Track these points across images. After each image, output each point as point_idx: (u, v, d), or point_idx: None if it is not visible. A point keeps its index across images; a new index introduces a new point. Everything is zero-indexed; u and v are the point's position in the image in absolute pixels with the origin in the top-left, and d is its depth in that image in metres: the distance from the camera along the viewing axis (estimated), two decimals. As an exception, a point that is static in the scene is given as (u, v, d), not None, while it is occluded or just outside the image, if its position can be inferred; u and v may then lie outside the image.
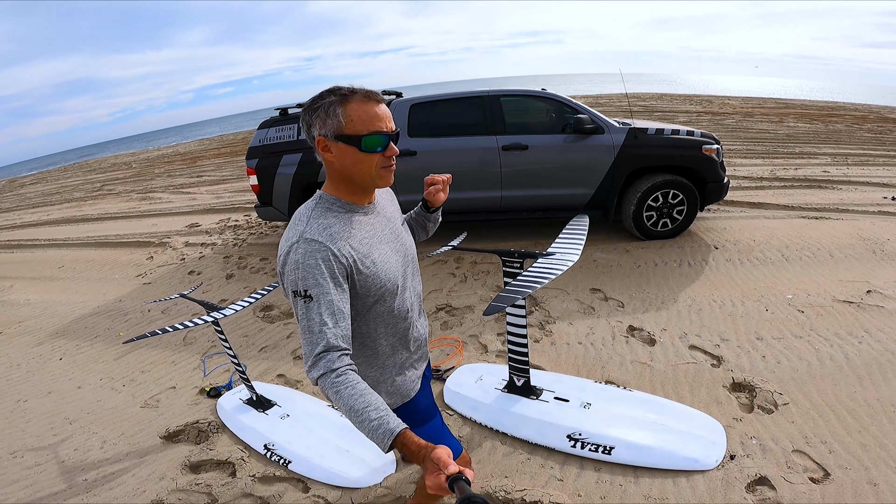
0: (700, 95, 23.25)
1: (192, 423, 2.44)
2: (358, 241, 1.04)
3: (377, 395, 0.92)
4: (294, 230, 1.01)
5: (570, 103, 4.15)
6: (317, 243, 0.97)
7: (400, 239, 1.19)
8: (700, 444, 1.87)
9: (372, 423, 0.85)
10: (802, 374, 2.32)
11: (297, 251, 0.97)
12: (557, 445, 1.94)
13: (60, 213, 10.11)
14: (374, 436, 0.85)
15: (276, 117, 4.59)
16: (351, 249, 1.01)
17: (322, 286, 0.95)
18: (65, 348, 3.61)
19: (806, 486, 1.70)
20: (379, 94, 1.02)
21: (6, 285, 5.50)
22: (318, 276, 0.95)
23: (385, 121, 1.01)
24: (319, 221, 1.01)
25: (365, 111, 0.99)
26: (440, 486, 0.76)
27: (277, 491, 1.95)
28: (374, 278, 1.05)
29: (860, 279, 3.30)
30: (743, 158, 7.74)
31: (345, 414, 0.90)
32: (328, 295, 0.95)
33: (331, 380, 0.91)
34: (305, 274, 0.95)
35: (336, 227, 1.01)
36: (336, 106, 0.99)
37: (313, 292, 0.95)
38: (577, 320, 3.04)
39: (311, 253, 0.96)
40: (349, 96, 0.99)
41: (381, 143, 1.00)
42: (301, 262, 0.96)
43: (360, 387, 0.91)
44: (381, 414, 0.87)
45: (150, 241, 6.23)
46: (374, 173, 1.03)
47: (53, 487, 2.17)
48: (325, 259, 0.96)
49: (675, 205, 4.10)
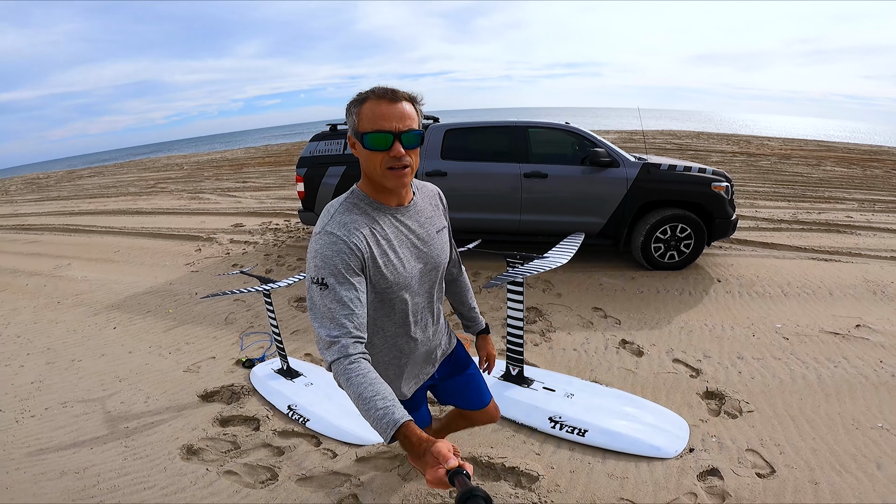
0: (739, 135, 23.12)
1: (227, 385, 2.84)
2: (376, 239, 1.08)
3: (387, 385, 0.93)
4: (321, 221, 1.08)
5: (590, 137, 4.48)
6: (335, 236, 1.02)
7: (428, 246, 1.19)
8: (665, 436, 2.13)
9: (378, 412, 0.87)
10: (773, 388, 2.54)
11: (319, 241, 1.03)
12: (539, 426, 2.23)
13: (116, 204, 10.99)
14: (378, 425, 0.87)
15: (326, 132, 5.11)
16: (368, 245, 1.05)
17: (337, 276, 1.00)
18: (118, 319, 4.10)
19: (751, 480, 1.93)
20: (397, 94, 1.03)
21: (64, 263, 6.14)
22: (335, 265, 1.00)
23: (393, 120, 1.01)
24: (343, 217, 1.06)
25: (373, 110, 1.01)
26: (440, 480, 0.77)
27: (293, 443, 2.30)
28: (384, 279, 1.09)
29: (853, 315, 3.45)
30: (768, 200, 7.83)
31: (353, 400, 0.93)
32: (343, 284, 1.00)
33: (343, 365, 0.95)
34: (323, 263, 1.01)
35: (357, 222, 1.06)
36: (355, 105, 1.04)
37: (329, 281, 1.00)
38: (575, 331, 3.33)
39: (330, 244, 1.01)
40: (368, 96, 1.03)
41: (382, 141, 1.01)
42: (320, 251, 1.02)
43: (370, 375, 0.93)
44: (387, 404, 0.88)
45: (198, 236, 6.83)
46: (380, 172, 1.04)
47: (96, 433, 2.51)
48: (342, 251, 1.01)
49: (682, 238, 4.33)
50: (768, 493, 1.87)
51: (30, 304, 4.71)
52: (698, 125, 35.50)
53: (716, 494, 1.87)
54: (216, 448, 2.32)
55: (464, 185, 4.57)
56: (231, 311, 4.03)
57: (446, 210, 1.32)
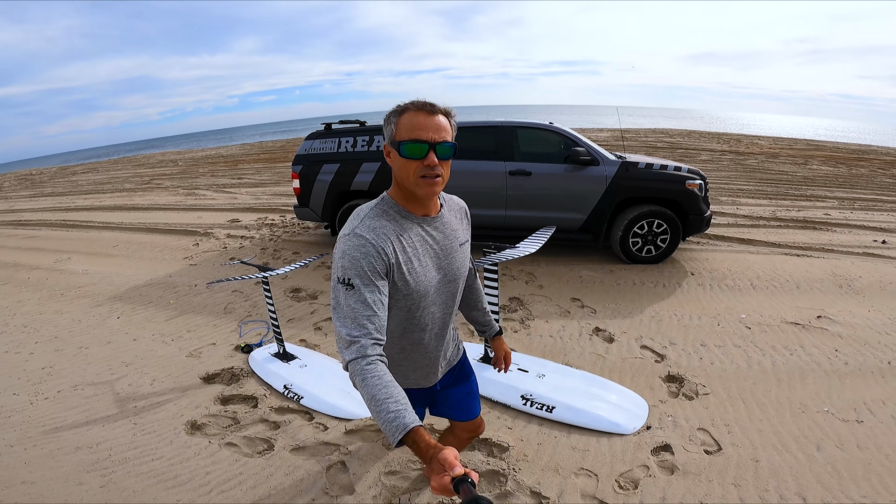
0: (730, 134, 23.39)
1: (227, 368, 3.05)
2: (402, 246, 1.10)
3: (401, 389, 0.94)
4: (350, 223, 1.10)
5: (572, 137, 4.70)
6: (364, 239, 1.05)
7: (450, 258, 1.22)
8: (625, 414, 2.35)
9: (389, 415, 0.87)
10: (730, 373, 2.77)
11: (347, 243, 1.05)
12: (512, 403, 2.46)
13: (112, 200, 11.11)
14: (389, 427, 0.87)
15: (321, 131, 5.32)
16: (394, 251, 1.08)
17: (363, 277, 1.02)
18: (121, 310, 4.29)
19: (698, 455, 2.14)
20: (435, 107, 1.08)
21: (64, 257, 6.31)
22: (361, 267, 1.02)
23: (429, 131, 1.05)
24: (373, 221, 1.09)
25: (411, 120, 1.06)
26: (445, 487, 0.77)
27: (288, 419, 2.51)
28: (405, 285, 1.11)
29: (816, 307, 3.67)
30: (750, 198, 8.07)
31: (365, 400, 0.93)
32: (368, 286, 1.02)
33: (361, 366, 0.95)
34: (351, 264, 1.03)
35: (386, 228, 1.09)
36: (394, 116, 1.09)
37: (355, 282, 1.02)
38: (552, 320, 3.55)
39: (358, 247, 1.04)
40: (407, 108, 1.08)
41: (418, 150, 1.05)
42: (348, 252, 1.04)
43: (385, 378, 0.94)
44: (399, 407, 0.88)
45: (195, 231, 7.01)
46: (413, 180, 1.07)
47: (107, 412, 2.71)
48: (369, 254, 1.03)
49: (659, 233, 4.56)
50: (713, 469, 2.06)
51: (33, 296, 4.88)
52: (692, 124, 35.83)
53: (666, 468, 2.08)
54: (218, 423, 2.53)
55: (453, 182, 4.76)
56: (230, 302, 4.23)
57: (470, 224, 1.35)
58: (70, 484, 2.13)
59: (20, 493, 2.07)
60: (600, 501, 1.88)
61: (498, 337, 1.63)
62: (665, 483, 1.97)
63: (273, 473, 2.11)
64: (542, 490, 1.93)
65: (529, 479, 2.00)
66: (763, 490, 1.91)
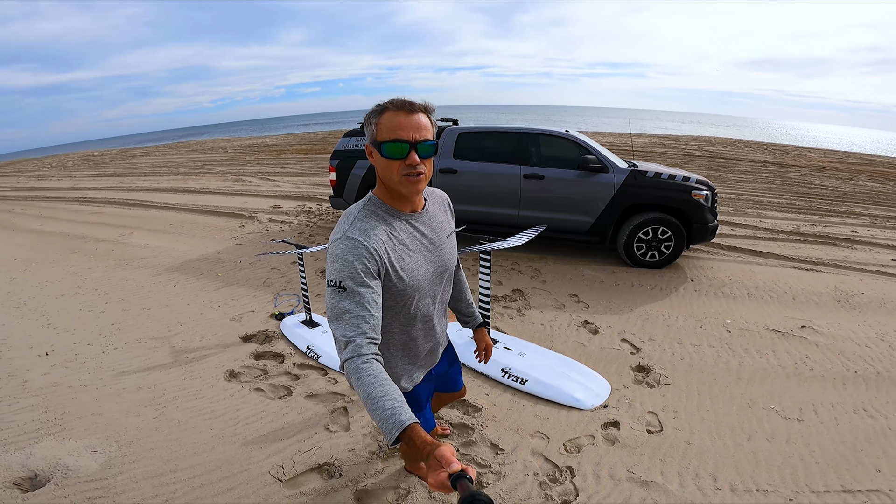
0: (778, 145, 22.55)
1: (262, 331, 3.60)
2: (393, 244, 1.12)
3: (396, 387, 0.95)
4: (341, 227, 1.11)
5: (585, 144, 5.01)
6: (356, 241, 1.06)
7: (439, 250, 1.25)
8: (587, 392, 2.70)
9: (385, 412, 0.88)
10: (695, 369, 3.06)
11: (339, 246, 1.06)
12: (492, 374, 2.87)
13: (168, 183, 12.13)
14: (385, 425, 0.87)
15: (357, 129, 5.93)
16: (386, 250, 1.09)
17: (356, 279, 1.02)
18: (177, 279, 4.95)
19: (640, 433, 2.42)
20: (414, 105, 1.09)
21: (127, 232, 7.16)
22: (354, 270, 1.03)
23: (410, 130, 1.06)
24: (363, 223, 1.10)
25: (391, 120, 1.07)
26: (442, 484, 0.77)
27: (307, 373, 3.02)
28: (400, 281, 1.13)
29: (805, 318, 3.83)
30: (777, 212, 8.04)
31: (362, 399, 0.93)
32: (361, 287, 1.02)
33: (356, 364, 0.96)
34: (343, 267, 1.03)
35: (377, 229, 1.10)
36: (374, 116, 1.10)
37: (348, 284, 1.02)
38: (547, 311, 3.92)
39: (351, 249, 1.05)
40: (386, 107, 1.09)
41: (399, 150, 1.06)
42: (340, 255, 1.05)
43: (381, 376, 0.95)
44: (395, 405, 0.89)
45: (241, 214, 7.75)
46: (396, 179, 1.09)
47: (164, 360, 3.28)
48: (362, 256, 1.04)
49: (663, 240, 4.80)
50: (648, 445, 2.32)
51: (101, 264, 5.65)
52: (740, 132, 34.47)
53: (609, 440, 2.39)
54: (250, 373, 3.07)
55: (471, 182, 5.22)
56: (268, 277, 4.82)
57: (454, 214, 1.39)
58: (130, 415, 2.66)
59: (90, 423, 2.60)
60: (545, 458, 2.25)
61: (481, 328, 1.68)
62: (604, 451, 2.30)
63: (288, 413, 2.61)
64: (500, 444, 2.33)
65: (493, 434, 2.41)
66: (683, 467, 2.19)
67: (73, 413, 2.69)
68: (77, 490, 2.08)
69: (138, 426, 2.56)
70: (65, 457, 2.28)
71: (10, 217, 9.11)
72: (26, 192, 12.61)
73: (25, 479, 2.16)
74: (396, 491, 2.02)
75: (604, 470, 2.15)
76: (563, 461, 2.22)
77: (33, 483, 2.15)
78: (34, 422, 2.61)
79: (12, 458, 2.29)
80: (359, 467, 2.16)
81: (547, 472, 2.15)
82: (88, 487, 2.09)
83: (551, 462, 2.21)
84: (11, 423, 2.60)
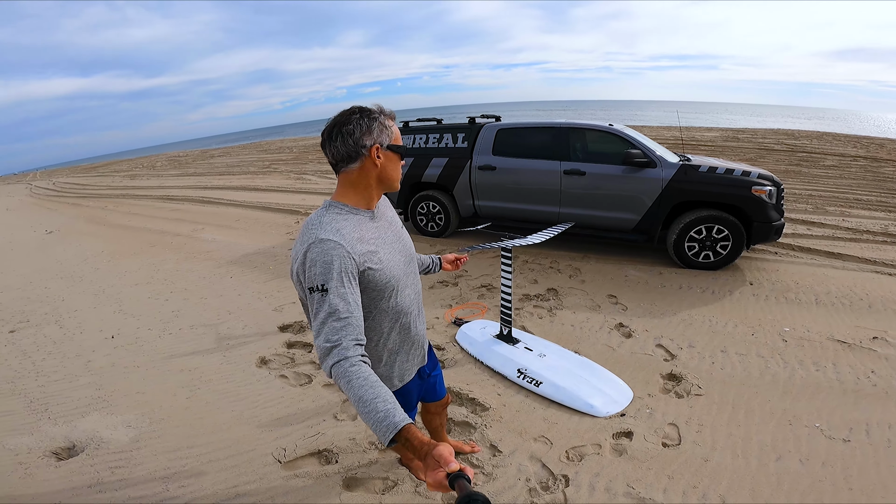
0: (872, 138, 19.95)
1: (298, 321, 3.78)
2: (367, 240, 1.15)
3: (387, 388, 0.94)
4: (308, 234, 1.09)
5: (629, 138, 4.73)
6: (331, 242, 1.05)
7: (402, 241, 1.31)
8: (604, 399, 2.55)
9: (378, 415, 0.87)
10: (735, 380, 2.78)
11: (314, 250, 1.05)
12: (508, 374, 2.80)
13: (239, 181, 13.07)
14: (379, 427, 0.86)
15: (401, 128, 5.96)
16: (362, 247, 1.11)
17: (337, 280, 1.02)
18: (234, 272, 5.32)
19: (654, 446, 2.24)
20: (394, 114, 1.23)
21: (199, 227, 7.78)
22: (334, 271, 1.03)
23: None
24: (332, 225, 1.10)
25: (397, 129, 1.21)
26: (440, 483, 0.77)
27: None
28: (381, 275, 1.15)
29: (879, 328, 3.38)
30: (864, 210, 7.14)
31: (353, 402, 0.92)
32: (342, 288, 1.02)
33: (344, 368, 0.95)
34: (322, 270, 1.03)
35: (347, 228, 1.11)
36: (387, 120, 1.18)
37: (329, 286, 1.01)
38: (580, 312, 3.75)
39: (327, 251, 1.04)
40: (389, 115, 1.19)
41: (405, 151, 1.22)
42: (318, 259, 1.04)
43: (371, 378, 0.94)
44: (388, 406, 0.88)
45: (298, 211, 8.17)
46: (397, 177, 1.23)
47: (208, 346, 3.55)
48: (340, 256, 1.04)
49: (719, 239, 4.43)
50: (659, 459, 2.15)
51: (173, 256, 6.20)
52: (829, 125, 30.80)
53: (616, 450, 2.24)
54: (279, 361, 3.23)
55: (510, 179, 5.13)
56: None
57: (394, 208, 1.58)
58: (167, 395, 2.90)
59: (133, 401, 2.86)
60: (542, 464, 2.15)
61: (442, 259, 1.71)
62: (607, 462, 2.15)
63: (303, 399, 2.72)
64: (500, 445, 2.27)
65: (495, 435, 2.35)
66: (691, 486, 2.00)
67: (121, 391, 2.98)
68: (103, 461, 2.30)
69: (172, 405, 2.79)
70: (102, 430, 2.53)
71: (103, 213, 10.25)
72: (119, 191, 14.15)
73: (64, 448, 2.43)
74: (384, 482, 2.04)
75: (601, 482, 2.03)
76: (560, 469, 2.12)
77: (70, 453, 2.41)
78: (87, 398, 2.92)
79: (59, 429, 2.58)
80: (355, 456, 2.21)
81: (540, 479, 2.06)
82: (113, 458, 2.30)
83: (548, 469, 2.12)
84: (69, 398, 2.93)
